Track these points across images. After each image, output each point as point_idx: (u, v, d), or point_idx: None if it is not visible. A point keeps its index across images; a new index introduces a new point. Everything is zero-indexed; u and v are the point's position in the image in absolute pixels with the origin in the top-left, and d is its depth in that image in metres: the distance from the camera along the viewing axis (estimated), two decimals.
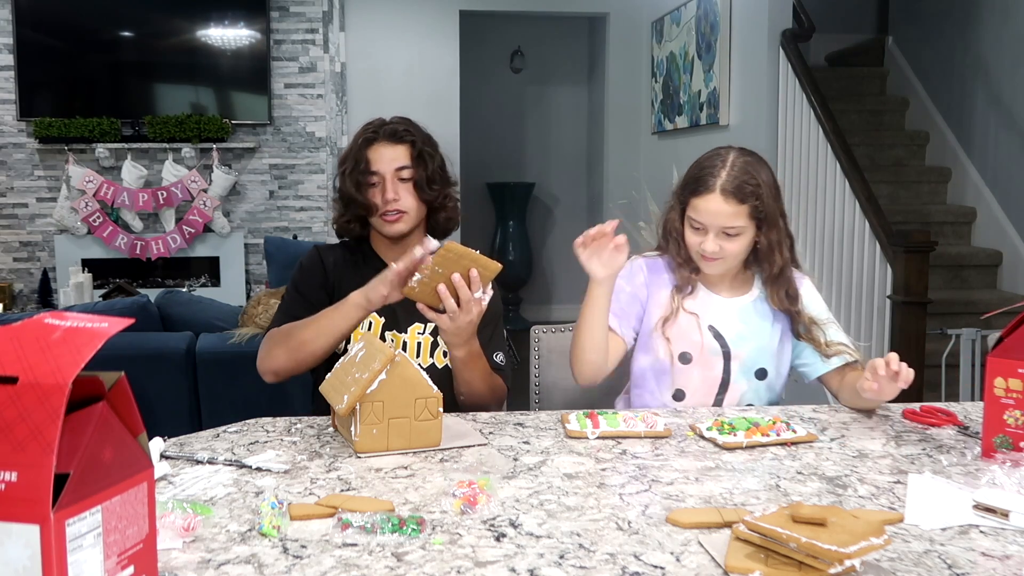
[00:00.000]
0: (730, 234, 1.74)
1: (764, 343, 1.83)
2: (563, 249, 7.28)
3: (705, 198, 1.73)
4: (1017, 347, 1.41)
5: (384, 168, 1.84)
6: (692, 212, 1.76)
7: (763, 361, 1.83)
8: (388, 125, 1.88)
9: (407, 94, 6.14)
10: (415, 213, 1.87)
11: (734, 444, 1.48)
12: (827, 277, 4.08)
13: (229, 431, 1.57)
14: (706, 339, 1.81)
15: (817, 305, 1.88)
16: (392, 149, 1.85)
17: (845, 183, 3.90)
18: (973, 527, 1.15)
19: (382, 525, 1.09)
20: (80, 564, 0.76)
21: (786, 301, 1.82)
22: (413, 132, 1.88)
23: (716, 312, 1.83)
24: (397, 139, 1.86)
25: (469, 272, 1.56)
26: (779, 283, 1.82)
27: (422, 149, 1.86)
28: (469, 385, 1.78)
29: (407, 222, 1.86)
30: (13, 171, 6.06)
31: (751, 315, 1.84)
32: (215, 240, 6.23)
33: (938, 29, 5.17)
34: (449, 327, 1.62)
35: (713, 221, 1.73)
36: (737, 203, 1.72)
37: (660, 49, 6.07)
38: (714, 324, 1.82)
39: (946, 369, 3.68)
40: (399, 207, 1.84)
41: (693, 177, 1.77)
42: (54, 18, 5.94)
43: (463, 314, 1.59)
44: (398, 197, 1.84)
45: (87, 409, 0.78)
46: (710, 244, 1.74)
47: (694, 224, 1.76)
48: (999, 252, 4.55)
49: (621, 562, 1.03)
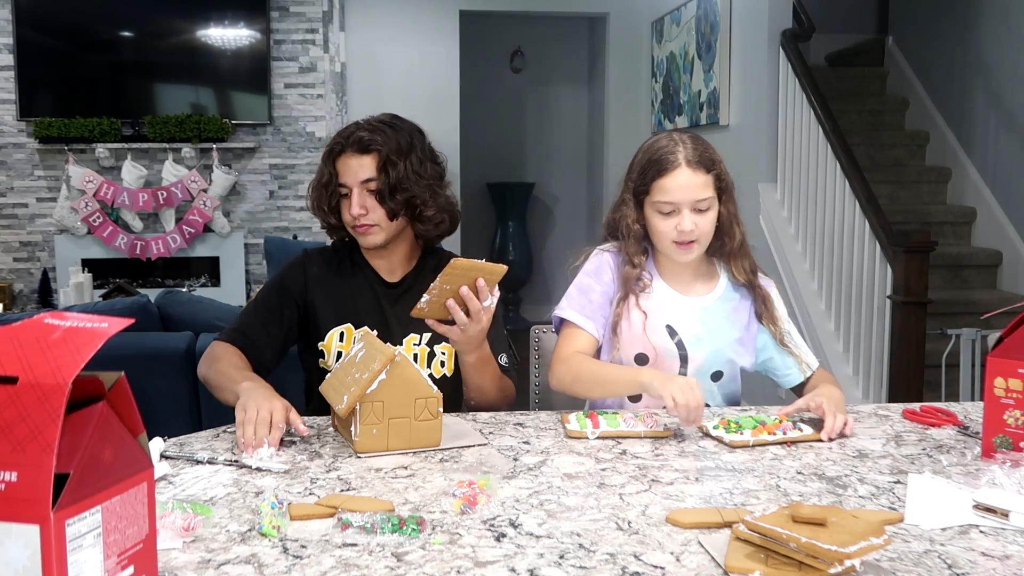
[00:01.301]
0: (701, 209, 1.73)
1: (722, 345, 1.81)
2: (563, 249, 7.28)
3: (673, 175, 1.72)
4: (1017, 347, 1.41)
5: (350, 180, 1.78)
6: (660, 195, 1.73)
7: (719, 364, 1.82)
8: (357, 132, 1.79)
9: (407, 94, 6.15)
10: (387, 224, 1.79)
11: (741, 443, 1.49)
12: (827, 277, 4.08)
13: (229, 431, 1.57)
14: (662, 341, 1.79)
15: (782, 311, 1.88)
16: (358, 160, 1.78)
17: (845, 183, 3.90)
18: (973, 527, 1.15)
19: (382, 525, 1.09)
20: (80, 564, 0.76)
21: (748, 273, 1.83)
22: (381, 139, 1.78)
23: (675, 311, 1.80)
24: (363, 149, 1.78)
25: (476, 282, 1.56)
26: (740, 256, 1.82)
27: (387, 157, 1.77)
28: (480, 390, 1.77)
29: (378, 234, 1.80)
30: (13, 171, 6.06)
31: (711, 315, 1.81)
32: (215, 240, 6.23)
33: (938, 29, 5.17)
34: (460, 338, 1.61)
35: (685, 196, 1.71)
36: (704, 172, 1.72)
37: (660, 49, 6.07)
38: (672, 324, 1.80)
39: (946, 369, 3.68)
40: (367, 220, 1.78)
41: (651, 161, 1.75)
42: (54, 18, 5.94)
43: (473, 324, 1.58)
44: (365, 211, 1.77)
45: (87, 409, 0.78)
46: (687, 221, 1.72)
47: (663, 209, 1.73)
48: (999, 252, 4.55)
49: (621, 562, 1.03)
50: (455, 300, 1.56)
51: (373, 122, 1.82)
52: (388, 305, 1.83)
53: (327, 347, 1.82)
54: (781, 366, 1.87)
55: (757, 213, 4.65)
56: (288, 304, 1.83)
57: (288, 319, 1.82)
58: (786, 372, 1.87)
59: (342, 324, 1.82)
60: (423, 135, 1.87)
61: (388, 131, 1.80)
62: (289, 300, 1.83)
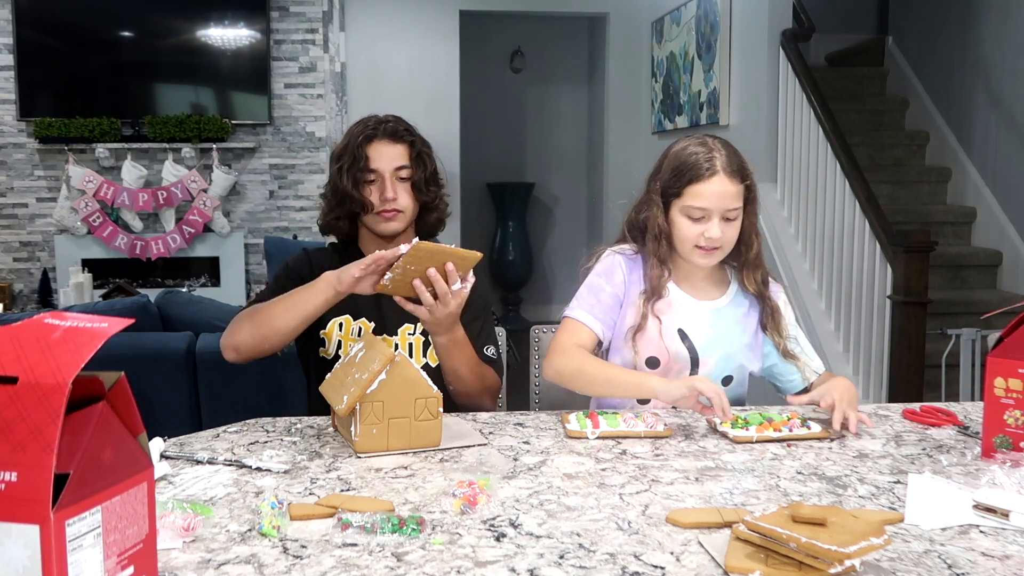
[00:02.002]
0: (730, 218, 1.73)
1: (732, 350, 1.82)
2: (563, 249, 7.29)
3: (709, 182, 1.71)
4: (1017, 347, 1.41)
5: (383, 166, 1.84)
6: (692, 200, 1.72)
7: (730, 368, 1.83)
8: (386, 123, 1.87)
9: (407, 94, 6.15)
10: (410, 212, 1.87)
11: (744, 438, 1.50)
12: (827, 277, 4.08)
13: (229, 431, 1.57)
14: (675, 345, 1.78)
15: (789, 319, 1.88)
16: (392, 147, 1.85)
17: (845, 183, 3.90)
18: (973, 527, 1.15)
19: (382, 525, 1.09)
20: (80, 564, 0.76)
21: (759, 285, 1.83)
22: (412, 132, 1.88)
23: (687, 315, 1.80)
24: (397, 138, 1.85)
25: (445, 266, 1.56)
26: (754, 266, 1.82)
27: (421, 150, 1.86)
28: (455, 374, 1.77)
29: (402, 220, 1.86)
30: (13, 171, 6.07)
31: (722, 319, 1.82)
32: (215, 240, 6.24)
33: (938, 29, 5.17)
34: (428, 319, 1.63)
35: (719, 204, 1.71)
36: (739, 182, 1.72)
37: (660, 49, 6.07)
38: (684, 328, 1.80)
39: (946, 369, 3.68)
40: (396, 206, 1.84)
41: (686, 165, 1.74)
42: (54, 18, 5.95)
43: (441, 306, 1.60)
44: (396, 196, 1.84)
45: (87, 409, 0.78)
46: (715, 229, 1.71)
47: (694, 214, 1.72)
48: (999, 252, 4.55)
49: (621, 562, 1.03)
50: (422, 281, 1.56)
51: (391, 117, 1.90)
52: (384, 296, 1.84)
53: (328, 335, 1.86)
54: (784, 372, 1.88)
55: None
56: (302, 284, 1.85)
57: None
58: (789, 379, 1.88)
59: (341, 316, 1.85)
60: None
61: (411, 127, 1.89)
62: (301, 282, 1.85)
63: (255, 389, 2.91)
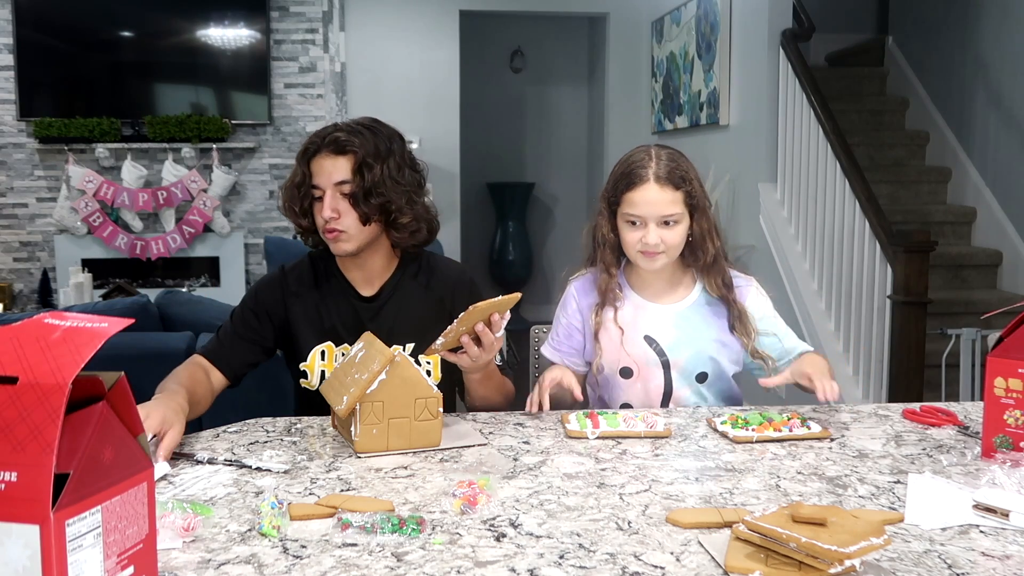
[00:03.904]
0: (668, 223, 1.75)
1: (702, 346, 1.83)
2: (563, 249, 7.28)
3: (640, 189, 1.75)
4: (1017, 347, 1.41)
5: (324, 182, 1.71)
6: (628, 208, 1.76)
7: (702, 365, 1.84)
8: (334, 133, 1.72)
9: (407, 94, 6.15)
10: (356, 231, 1.72)
11: (744, 438, 1.50)
12: (827, 277, 4.08)
13: (229, 431, 1.57)
14: (642, 351, 1.82)
15: (765, 311, 1.88)
16: (333, 161, 1.71)
17: (845, 183, 3.90)
18: (973, 527, 1.15)
19: (382, 525, 1.09)
20: (80, 564, 0.76)
21: (722, 288, 1.85)
22: (358, 141, 1.71)
23: (651, 320, 1.84)
24: (339, 150, 1.71)
25: (491, 317, 1.57)
26: (714, 271, 1.84)
27: (363, 160, 1.70)
28: (485, 400, 1.79)
29: (349, 241, 1.73)
30: (13, 171, 6.06)
31: (688, 320, 1.84)
32: (215, 240, 6.24)
33: (938, 29, 5.17)
34: (470, 366, 1.63)
35: (651, 211, 1.74)
36: (672, 189, 1.75)
37: (660, 49, 6.07)
38: (650, 333, 1.83)
39: (946, 369, 3.68)
40: (337, 226, 1.71)
41: (623, 174, 1.79)
42: (54, 18, 5.94)
43: (485, 354, 1.60)
44: (337, 214, 1.70)
45: (87, 409, 0.78)
46: (652, 236, 1.74)
47: (631, 219, 1.77)
48: (999, 252, 4.55)
49: (621, 562, 1.03)
50: (468, 335, 1.57)
51: (352, 124, 1.76)
52: (367, 320, 1.80)
53: (310, 367, 1.81)
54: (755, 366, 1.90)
55: (757, 213, 4.65)
56: (264, 322, 1.82)
57: (263, 337, 1.82)
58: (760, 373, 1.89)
59: (322, 343, 1.80)
60: (403, 141, 1.81)
61: (366, 133, 1.73)
62: (265, 319, 1.82)
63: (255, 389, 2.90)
